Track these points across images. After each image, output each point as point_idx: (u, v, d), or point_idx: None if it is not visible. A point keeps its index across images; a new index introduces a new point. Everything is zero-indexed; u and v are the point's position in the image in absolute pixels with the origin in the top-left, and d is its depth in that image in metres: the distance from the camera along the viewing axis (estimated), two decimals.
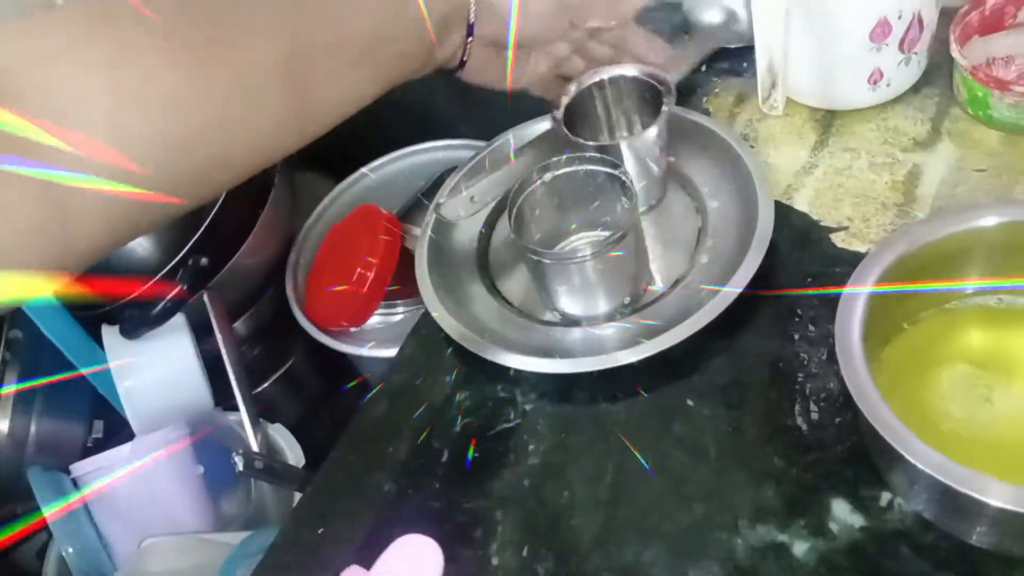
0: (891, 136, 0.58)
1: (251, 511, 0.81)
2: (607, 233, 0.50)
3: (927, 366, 0.45)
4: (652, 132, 0.55)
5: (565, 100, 0.58)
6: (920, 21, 0.55)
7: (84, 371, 0.77)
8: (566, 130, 0.56)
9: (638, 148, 0.56)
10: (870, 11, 0.54)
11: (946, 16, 0.58)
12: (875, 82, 0.58)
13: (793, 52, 0.56)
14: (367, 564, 0.38)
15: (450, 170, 0.66)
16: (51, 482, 0.75)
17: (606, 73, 0.58)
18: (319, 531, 0.50)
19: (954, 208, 0.52)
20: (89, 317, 0.79)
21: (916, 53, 0.57)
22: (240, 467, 0.69)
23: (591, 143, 0.55)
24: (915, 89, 0.60)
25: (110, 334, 0.78)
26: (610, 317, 0.54)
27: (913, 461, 0.36)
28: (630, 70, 0.58)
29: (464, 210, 0.58)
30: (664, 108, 0.55)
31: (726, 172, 0.57)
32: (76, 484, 0.76)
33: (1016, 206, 0.45)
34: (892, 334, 0.46)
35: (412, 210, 0.87)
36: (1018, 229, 0.44)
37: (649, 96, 0.57)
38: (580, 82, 0.58)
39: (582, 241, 0.58)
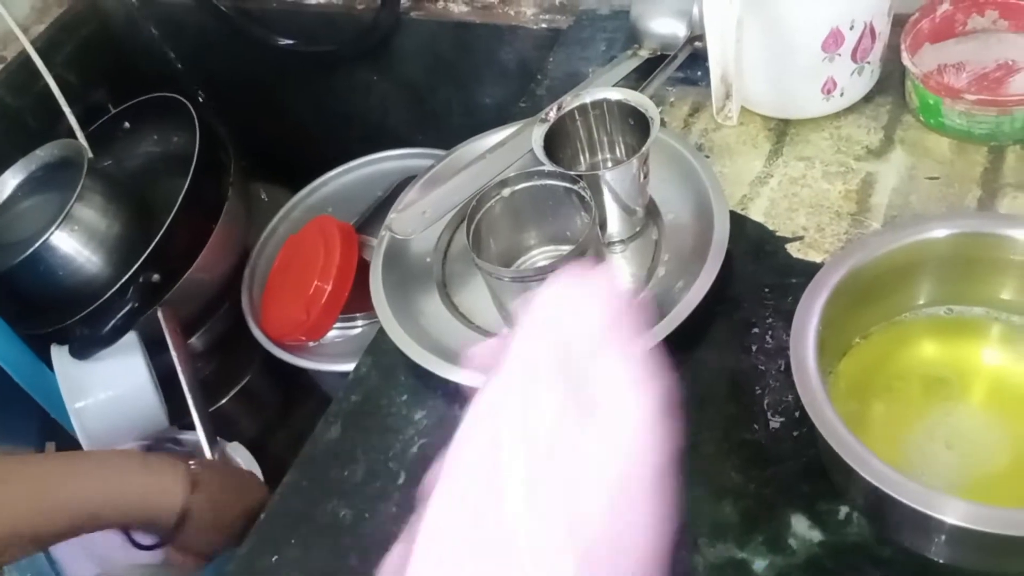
0: (844, 145, 0.58)
1: None
2: (567, 248, 0.50)
3: (882, 377, 0.45)
4: (633, 163, 0.53)
5: (544, 126, 0.55)
6: (872, 31, 0.56)
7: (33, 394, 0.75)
8: (545, 155, 0.54)
9: (620, 178, 0.54)
10: (822, 21, 0.54)
11: (898, 24, 0.58)
12: (829, 92, 0.58)
13: (747, 62, 0.56)
14: None
15: (407, 179, 0.65)
16: None
17: (589, 97, 0.56)
18: (273, 559, 0.49)
19: (905, 221, 0.52)
20: (37, 337, 0.77)
21: (869, 62, 0.58)
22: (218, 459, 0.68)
23: (571, 172, 0.53)
24: (868, 98, 0.60)
25: (59, 354, 0.76)
26: None
27: (869, 479, 0.36)
28: (614, 94, 0.56)
29: (417, 225, 0.57)
30: (650, 138, 0.52)
31: (682, 183, 0.57)
32: None
33: (964, 218, 0.45)
34: (847, 347, 0.46)
35: (370, 220, 0.85)
36: (967, 240, 0.44)
37: (633, 121, 0.56)
38: (561, 105, 0.56)
39: (542, 257, 0.58)
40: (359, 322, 0.81)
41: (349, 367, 0.57)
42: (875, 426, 0.43)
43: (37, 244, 0.76)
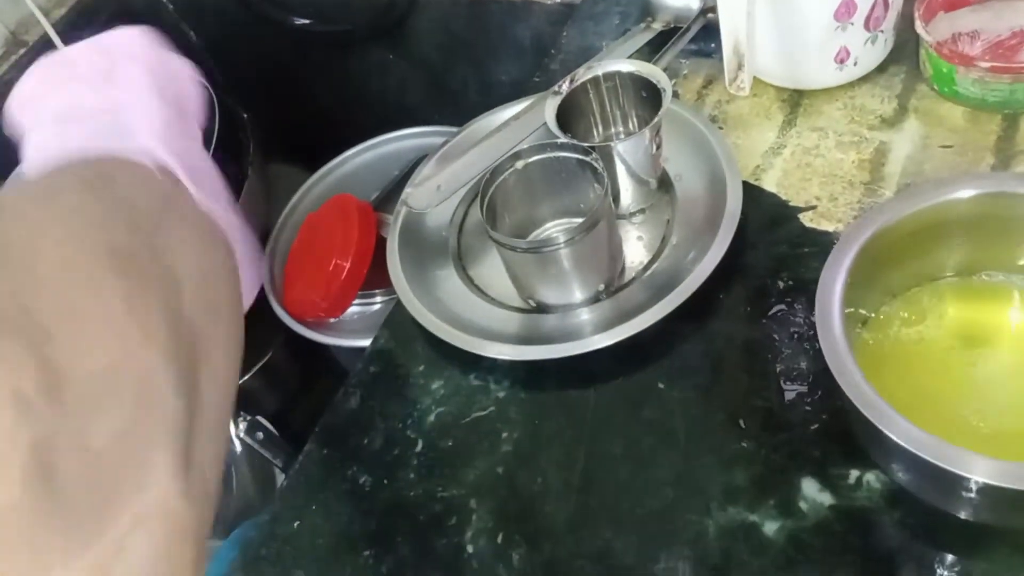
0: (858, 115, 0.58)
1: (232, 510, 0.81)
2: (580, 220, 0.50)
3: (907, 344, 0.45)
4: (646, 134, 0.53)
5: (557, 99, 0.56)
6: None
7: None
8: (558, 127, 0.54)
9: (632, 150, 0.54)
10: None
11: None
12: (842, 61, 0.58)
13: (759, 33, 0.56)
14: None
15: (424, 157, 0.66)
16: None
17: (601, 69, 0.57)
18: (295, 524, 0.50)
19: (931, 182, 0.51)
20: None
21: (882, 31, 0.57)
22: (241, 433, 0.69)
23: (583, 144, 0.53)
24: (882, 67, 0.60)
25: None
26: (584, 304, 0.54)
27: (896, 439, 0.37)
28: (626, 66, 0.56)
29: (432, 200, 0.58)
30: (662, 108, 0.53)
31: (695, 154, 0.57)
32: None
33: (990, 179, 0.45)
34: (871, 313, 0.46)
35: (387, 198, 0.86)
36: (991, 201, 0.44)
37: (646, 93, 0.56)
38: (574, 78, 0.57)
39: (555, 229, 0.58)
40: (378, 299, 0.82)
41: (368, 343, 0.58)
42: (900, 389, 0.43)
43: None
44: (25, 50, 0.95)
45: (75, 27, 0.97)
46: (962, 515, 0.41)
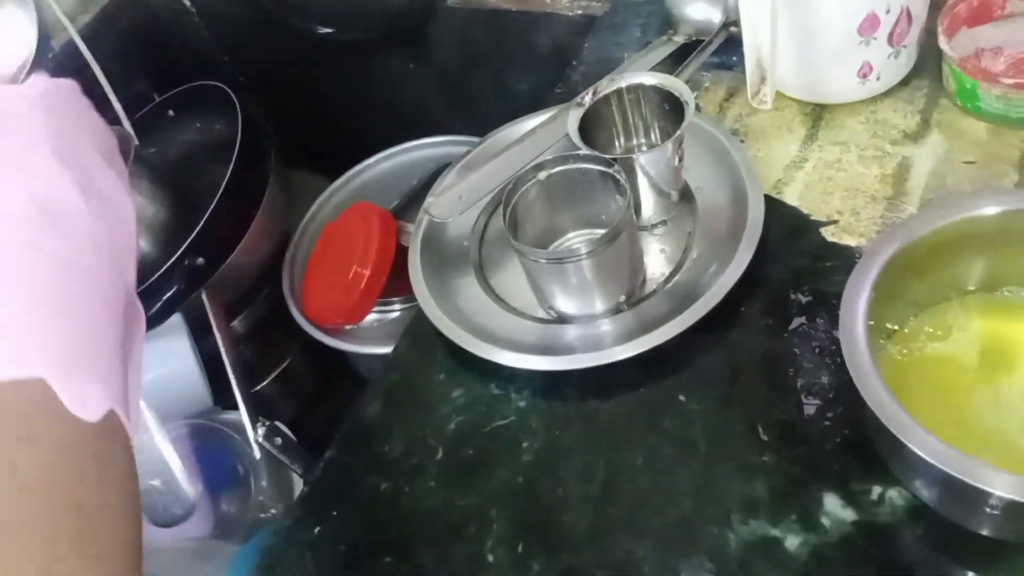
0: (880, 129, 0.58)
1: (250, 515, 0.81)
2: (602, 231, 0.51)
3: (931, 358, 0.45)
4: (668, 146, 0.54)
5: (580, 110, 0.56)
6: (908, 14, 0.56)
7: None
8: (580, 139, 0.55)
9: (654, 162, 0.54)
10: (858, 5, 0.54)
11: (935, 8, 0.58)
12: (864, 76, 0.58)
13: (781, 46, 0.56)
14: None
15: (444, 166, 0.66)
16: None
17: (624, 81, 0.57)
18: (315, 531, 0.50)
19: (955, 197, 0.51)
20: None
21: (905, 46, 0.58)
22: (260, 439, 0.69)
23: (606, 155, 0.53)
24: (904, 82, 0.60)
25: None
26: (604, 315, 0.54)
27: (919, 452, 0.36)
28: (649, 79, 0.56)
29: (454, 209, 0.58)
30: (684, 122, 0.53)
31: (716, 167, 0.58)
32: None
33: (1014, 195, 0.45)
34: (895, 326, 0.46)
35: (407, 207, 0.87)
36: (1015, 217, 0.44)
37: (668, 106, 0.56)
38: (597, 90, 0.57)
39: (577, 240, 0.58)
40: (396, 306, 0.83)
41: (387, 350, 0.59)
42: (923, 403, 0.43)
43: None
44: (51, 55, 0.96)
45: (99, 34, 0.98)
46: (984, 532, 0.41)
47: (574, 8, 0.79)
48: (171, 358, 0.79)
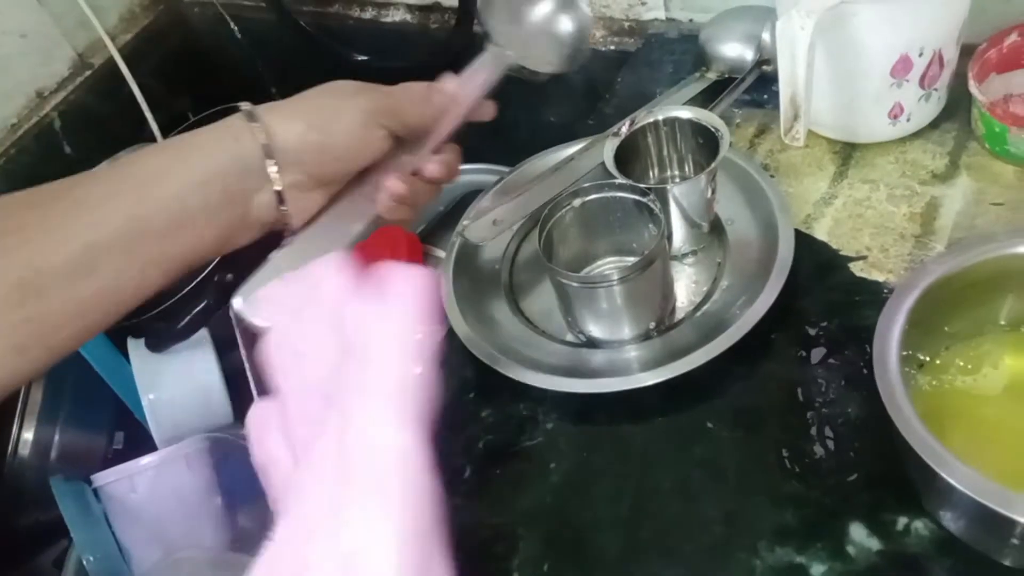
0: (910, 169, 0.60)
1: (268, 530, 0.81)
2: (634, 259, 0.51)
3: (962, 391, 0.46)
4: (702, 179, 0.55)
5: (616, 140, 0.57)
6: (940, 58, 0.57)
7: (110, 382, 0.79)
8: (616, 168, 0.56)
9: (688, 193, 0.56)
10: (892, 48, 0.55)
11: (966, 53, 0.59)
12: (895, 116, 0.59)
13: (815, 86, 0.57)
14: None
15: (472, 193, 0.68)
16: (73, 492, 0.76)
17: (660, 114, 0.58)
18: None
19: (991, 235, 0.50)
20: (116, 329, 0.81)
21: (936, 89, 0.59)
22: None
23: (641, 185, 0.54)
24: (934, 124, 0.61)
25: (136, 347, 0.79)
26: (634, 340, 0.55)
27: (949, 479, 0.37)
28: (685, 112, 0.58)
29: (488, 233, 0.59)
30: (719, 155, 0.54)
31: (747, 201, 0.59)
32: (97, 494, 0.78)
33: None
34: (927, 358, 0.47)
35: (434, 231, 0.88)
36: None
37: (702, 140, 0.57)
38: (634, 121, 0.58)
39: (609, 266, 0.59)
40: None
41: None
42: (953, 434, 0.43)
43: None
44: (91, 72, 0.98)
45: (139, 53, 1.01)
46: (1009, 562, 0.41)
47: (608, 44, 0.81)
48: (196, 372, 0.80)
